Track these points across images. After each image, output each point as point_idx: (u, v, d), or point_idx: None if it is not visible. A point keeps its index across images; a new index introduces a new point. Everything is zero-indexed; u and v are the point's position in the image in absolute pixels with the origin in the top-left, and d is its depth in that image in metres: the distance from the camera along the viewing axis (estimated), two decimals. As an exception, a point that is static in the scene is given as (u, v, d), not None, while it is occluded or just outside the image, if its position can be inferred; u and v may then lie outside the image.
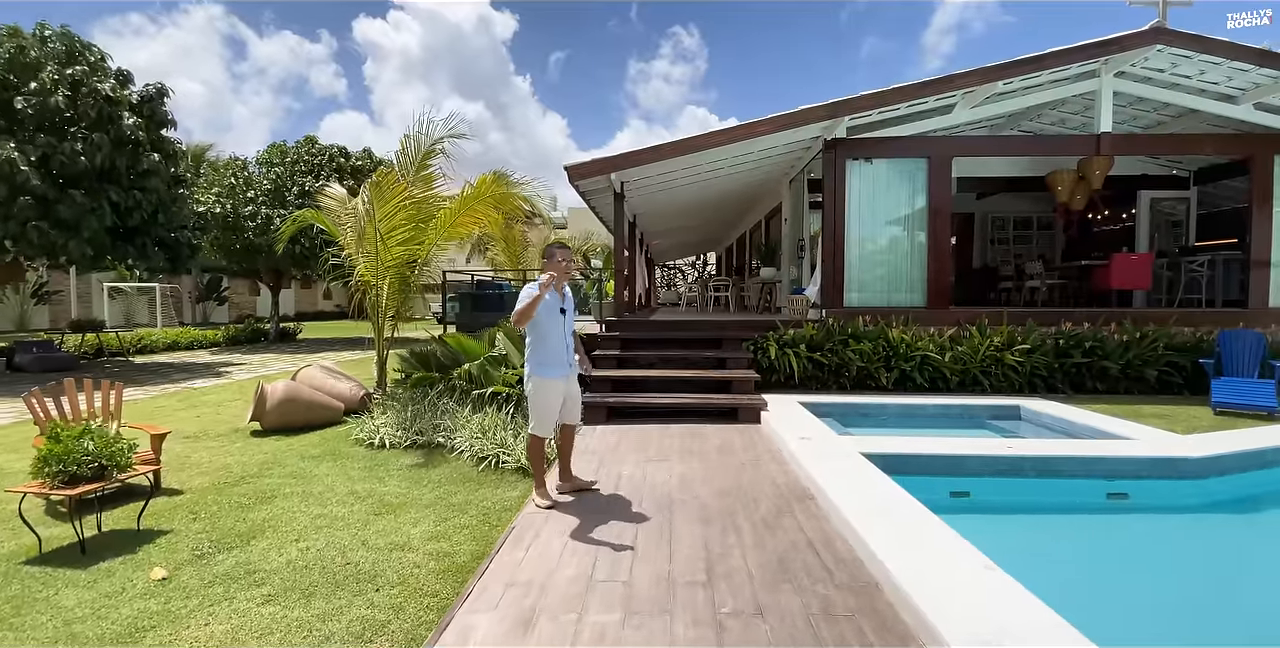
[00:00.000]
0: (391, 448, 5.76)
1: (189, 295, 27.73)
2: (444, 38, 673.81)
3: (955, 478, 4.33)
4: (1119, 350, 7.23)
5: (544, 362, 3.85)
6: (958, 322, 7.72)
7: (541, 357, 3.85)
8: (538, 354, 3.86)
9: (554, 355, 3.85)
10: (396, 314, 7.73)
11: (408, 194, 7.11)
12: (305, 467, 5.31)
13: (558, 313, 3.89)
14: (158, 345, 15.70)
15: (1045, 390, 7.21)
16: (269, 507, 4.34)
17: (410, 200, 6.92)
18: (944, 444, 4.66)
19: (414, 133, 6.98)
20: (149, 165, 11.59)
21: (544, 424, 3.94)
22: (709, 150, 7.41)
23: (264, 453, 5.80)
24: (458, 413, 6.02)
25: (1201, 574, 3.43)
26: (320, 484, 4.83)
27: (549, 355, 3.84)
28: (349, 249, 7.14)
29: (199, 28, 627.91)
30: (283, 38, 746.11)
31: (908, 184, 8.02)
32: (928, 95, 7.43)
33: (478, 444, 5.26)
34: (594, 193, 8.74)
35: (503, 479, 4.81)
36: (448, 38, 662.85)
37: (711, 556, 3.02)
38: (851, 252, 8.03)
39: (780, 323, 7.57)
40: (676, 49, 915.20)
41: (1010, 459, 4.33)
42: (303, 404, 6.75)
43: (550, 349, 3.84)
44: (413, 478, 4.94)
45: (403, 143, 7.06)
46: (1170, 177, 11.07)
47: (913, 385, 7.23)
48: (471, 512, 4.16)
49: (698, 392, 6.39)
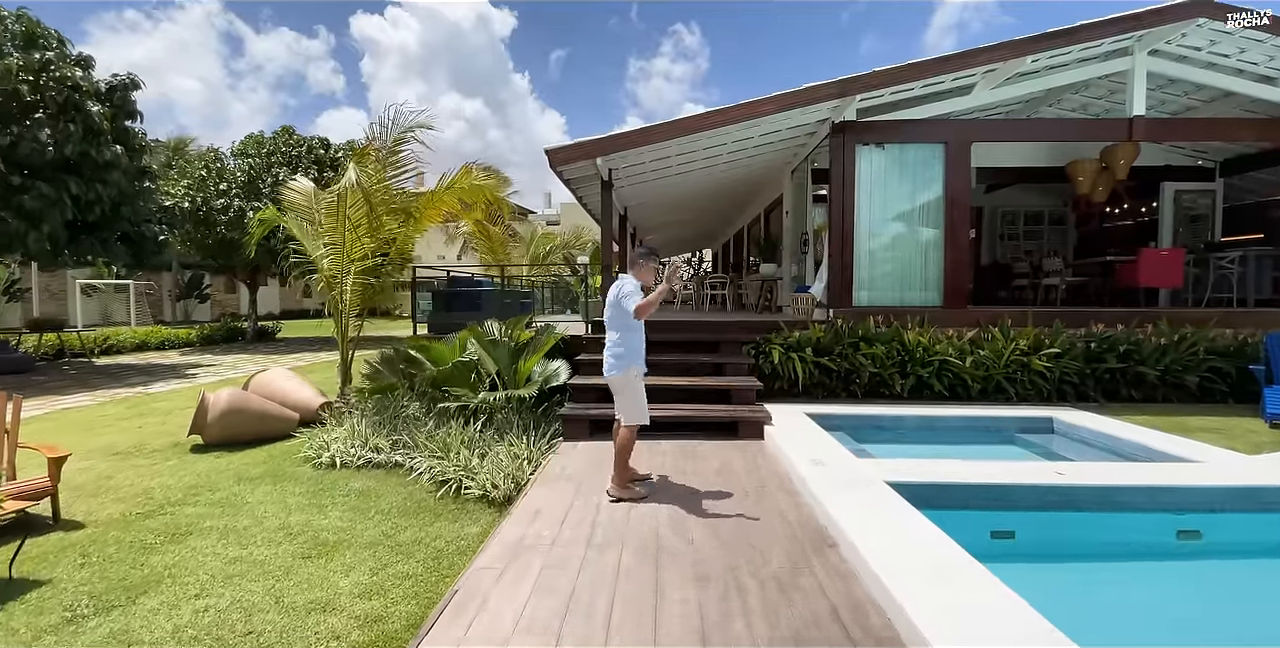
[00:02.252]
0: (343, 467, 5.04)
1: (169, 293, 26.86)
2: (442, 35, 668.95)
3: (997, 513, 3.64)
4: (1156, 355, 6.56)
5: (637, 353, 3.96)
6: (977, 322, 7.04)
7: (635, 347, 3.95)
8: (631, 345, 3.95)
9: (642, 347, 4.00)
10: (362, 313, 7.03)
11: (380, 177, 6.42)
12: (239, 492, 4.60)
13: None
14: (125, 345, 14.89)
15: (1075, 399, 6.54)
16: (178, 548, 3.62)
17: (380, 189, 6.24)
18: (981, 470, 3.96)
19: (384, 118, 6.26)
20: (110, 157, 10.81)
21: (641, 412, 3.94)
22: (705, 133, 6.70)
23: (196, 474, 5.08)
24: (420, 427, 5.31)
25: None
26: (249, 515, 4.11)
27: (639, 347, 3.97)
28: (309, 243, 6.41)
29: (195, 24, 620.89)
30: (280, 34, 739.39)
31: (923, 172, 7.31)
32: (947, 72, 6.73)
33: (438, 466, 4.55)
34: (580, 181, 8.01)
35: (463, 510, 4.10)
36: (446, 35, 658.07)
37: (708, 631, 2.32)
38: (861, 246, 7.33)
39: (784, 324, 6.87)
40: (678, 47, 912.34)
41: (1063, 490, 3.64)
42: (251, 415, 6.03)
43: (641, 341, 3.99)
44: (359, 507, 4.23)
45: (370, 130, 6.34)
46: (1195, 168, 10.40)
47: (930, 393, 6.54)
48: (419, 555, 3.45)
49: (693, 402, 5.69)
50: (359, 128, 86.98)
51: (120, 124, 11.07)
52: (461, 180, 6.76)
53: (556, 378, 5.79)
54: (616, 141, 6.43)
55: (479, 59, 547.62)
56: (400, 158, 6.52)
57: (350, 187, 5.82)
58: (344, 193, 5.91)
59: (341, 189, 5.90)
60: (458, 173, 6.55)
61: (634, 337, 3.95)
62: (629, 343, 3.93)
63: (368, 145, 6.63)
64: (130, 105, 11.22)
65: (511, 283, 14.41)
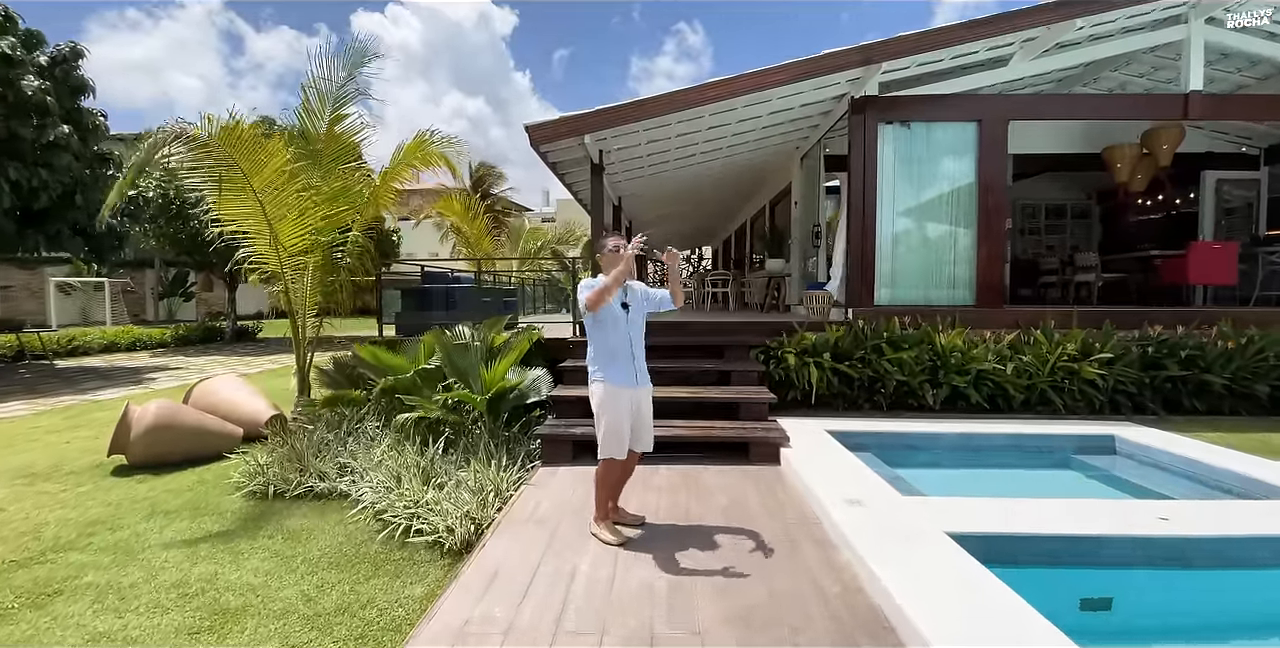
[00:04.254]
0: (277, 498, 4.23)
1: (152, 291, 25.98)
2: (443, 34, 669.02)
3: (1085, 572, 2.83)
4: (1221, 361, 5.75)
5: (605, 363, 3.17)
6: (1015, 324, 6.23)
7: (601, 357, 3.19)
8: (598, 355, 3.21)
9: (615, 357, 3.17)
10: (320, 312, 6.21)
11: (317, 148, 5.60)
12: (144, 531, 3.78)
13: (617, 309, 3.19)
14: (92, 346, 14.04)
15: (1131, 411, 5.74)
16: (36, 616, 2.81)
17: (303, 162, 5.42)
18: (1058, 513, 3.15)
19: (315, 76, 5.41)
20: (57, 138, 9.95)
21: (613, 442, 3.12)
22: (708, 107, 5.88)
23: (105, 504, 4.27)
24: (374, 447, 4.50)
25: None
26: (143, 567, 3.30)
27: (609, 356, 3.17)
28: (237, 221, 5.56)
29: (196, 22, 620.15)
30: (280, 32, 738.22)
31: (953, 154, 6.49)
32: (985, 38, 5.91)
33: (385, 499, 3.73)
34: (568, 166, 7.18)
35: (409, 560, 3.28)
36: (447, 34, 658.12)
37: None
38: (884, 238, 6.51)
39: (797, 325, 6.06)
40: (680, 47, 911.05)
41: (1171, 543, 2.84)
42: (184, 432, 5.21)
43: (611, 349, 3.18)
44: (283, 554, 3.42)
45: (304, 91, 5.49)
46: (1238, 155, 9.59)
47: (966, 405, 5.74)
48: (339, 632, 2.64)
49: (695, 418, 4.87)
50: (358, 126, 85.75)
51: (68, 103, 10.18)
52: (413, 151, 5.92)
53: (536, 389, 4.97)
54: (607, 116, 5.60)
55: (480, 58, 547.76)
56: (344, 130, 5.68)
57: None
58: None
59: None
60: (412, 140, 5.73)
61: (602, 341, 3.19)
62: (597, 349, 3.21)
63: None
64: (76, 80, 10.30)
65: (499, 280, 13.59)
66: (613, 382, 3.11)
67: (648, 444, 3.29)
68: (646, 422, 3.25)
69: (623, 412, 3.10)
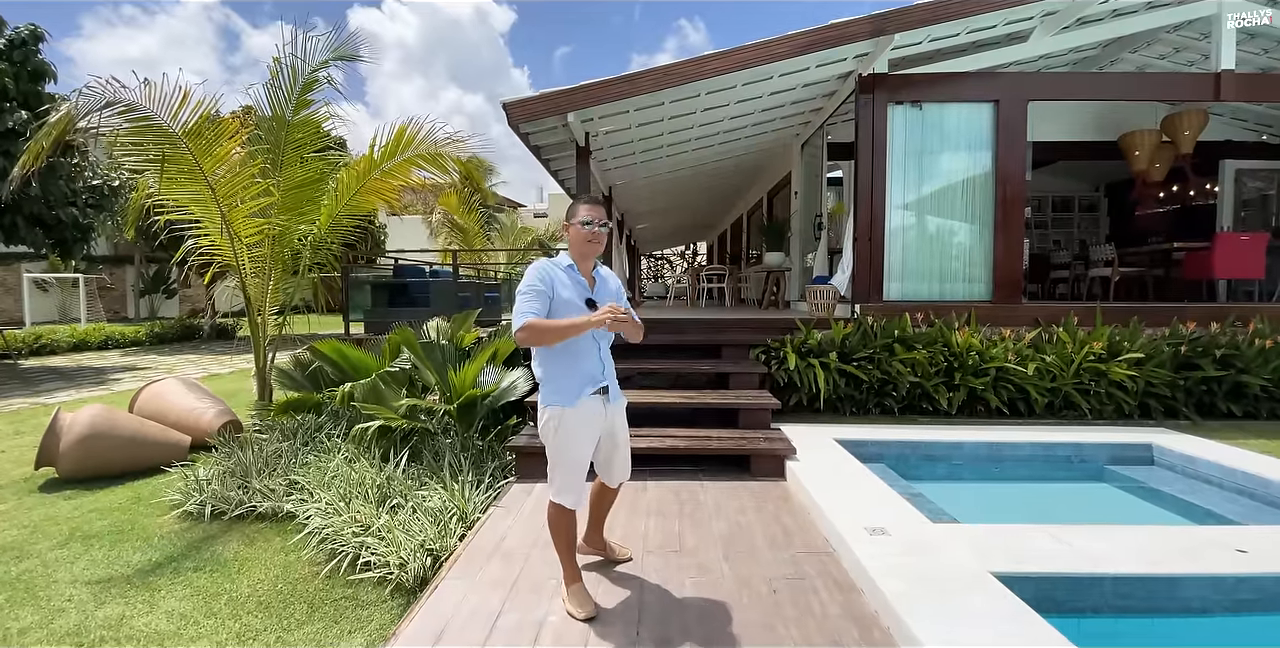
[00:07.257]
0: (215, 519, 3.72)
1: (132, 288, 25.29)
2: (441, 30, 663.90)
3: (1158, 620, 2.37)
4: (1259, 361, 5.31)
5: (562, 378, 2.34)
6: (1035, 321, 5.77)
7: (556, 373, 2.35)
8: (551, 370, 2.36)
9: (576, 367, 2.35)
10: (283, 308, 5.69)
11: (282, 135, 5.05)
12: (55, 560, 3.28)
13: (580, 307, 2.32)
14: (61, 345, 13.45)
15: (1163, 415, 5.29)
16: (-119, 680, 2.31)
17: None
18: (1124, 545, 2.68)
19: (286, 53, 4.86)
20: (15, 124, 9.38)
21: (568, 485, 2.37)
22: (704, 83, 5.38)
23: (21, 527, 3.76)
24: (328, 460, 3.99)
25: None
26: (41, 607, 2.79)
27: (568, 370, 2.34)
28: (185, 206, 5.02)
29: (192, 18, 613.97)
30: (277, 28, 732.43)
31: (968, 137, 6.02)
32: (1002, 8, 5.43)
33: (333, 524, 3.23)
34: (552, 149, 6.65)
35: (352, 601, 2.79)
36: (445, 30, 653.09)
37: None
38: (893, 228, 6.04)
39: (800, 323, 5.58)
40: (682, 45, 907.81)
41: (1257, 583, 2.37)
42: (120, 440, 4.68)
43: (571, 356, 2.34)
44: (208, 591, 2.92)
45: (272, 70, 4.94)
46: (1259, 144, 9.16)
47: (984, 409, 5.28)
48: (251, 702, 2.15)
49: (689, 426, 4.38)
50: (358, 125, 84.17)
51: (28, 87, 9.61)
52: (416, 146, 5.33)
53: (513, 393, 4.47)
54: (594, 92, 5.09)
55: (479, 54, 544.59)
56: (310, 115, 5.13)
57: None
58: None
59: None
60: (391, 139, 5.15)
61: (560, 347, 2.31)
62: (552, 358, 2.36)
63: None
64: (37, 64, 9.75)
65: (484, 275, 13.04)
66: (572, 404, 2.31)
67: (625, 473, 2.61)
68: (623, 450, 2.54)
69: (587, 441, 2.38)
